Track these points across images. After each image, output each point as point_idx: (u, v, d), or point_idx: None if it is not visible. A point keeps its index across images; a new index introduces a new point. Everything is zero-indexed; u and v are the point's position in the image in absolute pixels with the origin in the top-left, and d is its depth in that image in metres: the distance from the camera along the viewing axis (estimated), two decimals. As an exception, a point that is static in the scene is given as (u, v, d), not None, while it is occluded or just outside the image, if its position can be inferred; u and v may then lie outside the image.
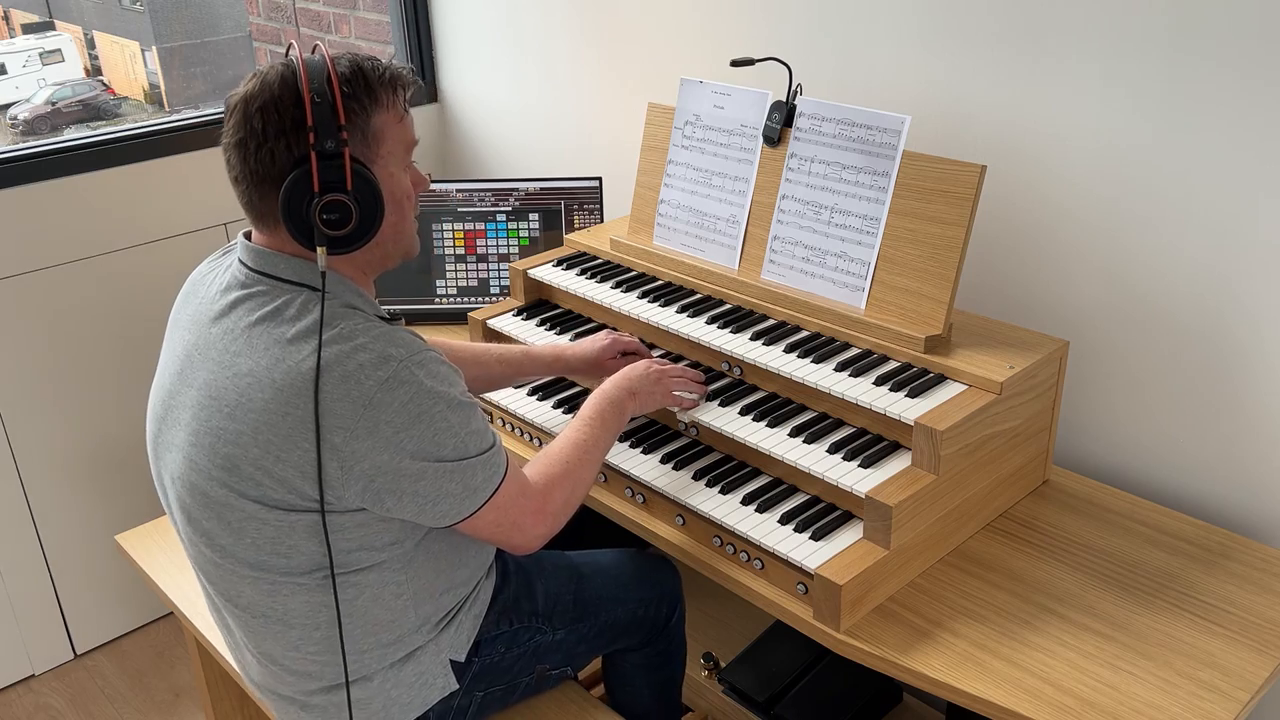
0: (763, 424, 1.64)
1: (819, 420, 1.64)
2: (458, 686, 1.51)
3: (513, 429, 1.90)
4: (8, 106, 4.85)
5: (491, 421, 1.94)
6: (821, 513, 1.55)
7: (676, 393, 1.68)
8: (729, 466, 1.67)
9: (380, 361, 1.27)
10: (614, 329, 1.89)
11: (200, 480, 1.33)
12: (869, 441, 1.57)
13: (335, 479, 1.28)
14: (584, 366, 1.81)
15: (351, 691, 1.44)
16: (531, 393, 1.92)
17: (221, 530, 1.34)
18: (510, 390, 1.91)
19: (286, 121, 1.28)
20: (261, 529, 1.32)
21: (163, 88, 5.06)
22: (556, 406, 1.87)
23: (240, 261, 1.38)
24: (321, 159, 1.28)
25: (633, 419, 1.80)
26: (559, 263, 2.07)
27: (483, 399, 1.90)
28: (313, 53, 1.34)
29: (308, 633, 1.40)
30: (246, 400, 1.28)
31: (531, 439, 1.87)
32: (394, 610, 1.41)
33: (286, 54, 1.34)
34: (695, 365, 1.81)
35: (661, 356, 1.85)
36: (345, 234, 1.31)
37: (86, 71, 5.18)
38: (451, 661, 1.50)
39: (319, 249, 1.30)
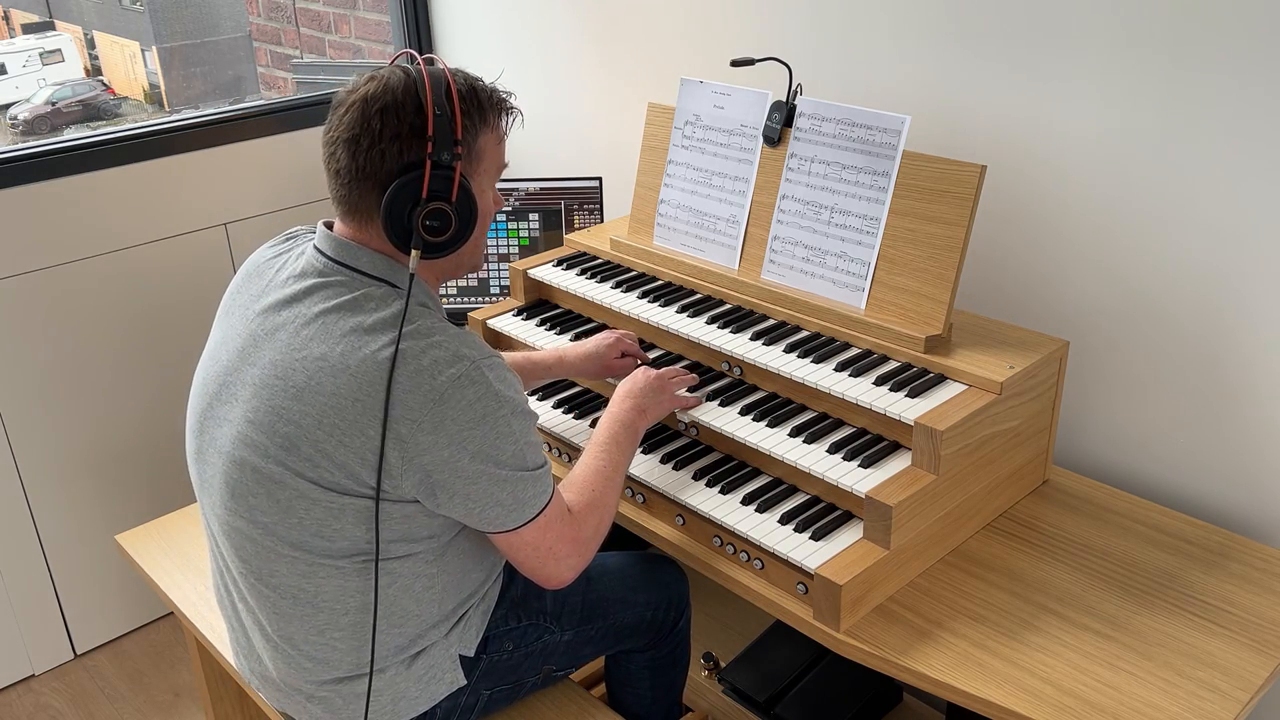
0: (763, 424, 1.64)
1: (819, 420, 1.64)
2: (465, 683, 1.52)
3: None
4: (8, 106, 4.85)
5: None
6: (821, 513, 1.55)
7: (680, 394, 1.69)
8: (729, 466, 1.67)
9: (454, 359, 1.31)
10: (614, 330, 1.89)
11: (254, 456, 1.35)
12: (869, 441, 1.57)
13: (396, 468, 1.31)
14: (587, 364, 1.81)
15: (363, 683, 1.45)
16: (532, 394, 1.92)
17: (269, 506, 1.36)
18: None
19: (404, 127, 1.33)
20: (311, 509, 1.34)
21: (163, 88, 5.06)
22: (557, 407, 1.87)
23: (317, 249, 1.41)
24: (433, 169, 1.33)
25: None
26: (559, 263, 2.07)
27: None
28: (425, 65, 1.37)
29: (335, 618, 1.41)
30: (315, 384, 1.31)
31: (531, 439, 1.87)
32: (422, 602, 1.43)
33: (394, 60, 1.39)
34: (695, 365, 1.81)
35: (661, 356, 1.85)
36: (440, 241, 1.37)
37: (86, 71, 5.18)
38: (460, 657, 1.51)
39: (413, 251, 1.35)
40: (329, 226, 1.43)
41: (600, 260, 2.05)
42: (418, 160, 1.33)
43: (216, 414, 1.42)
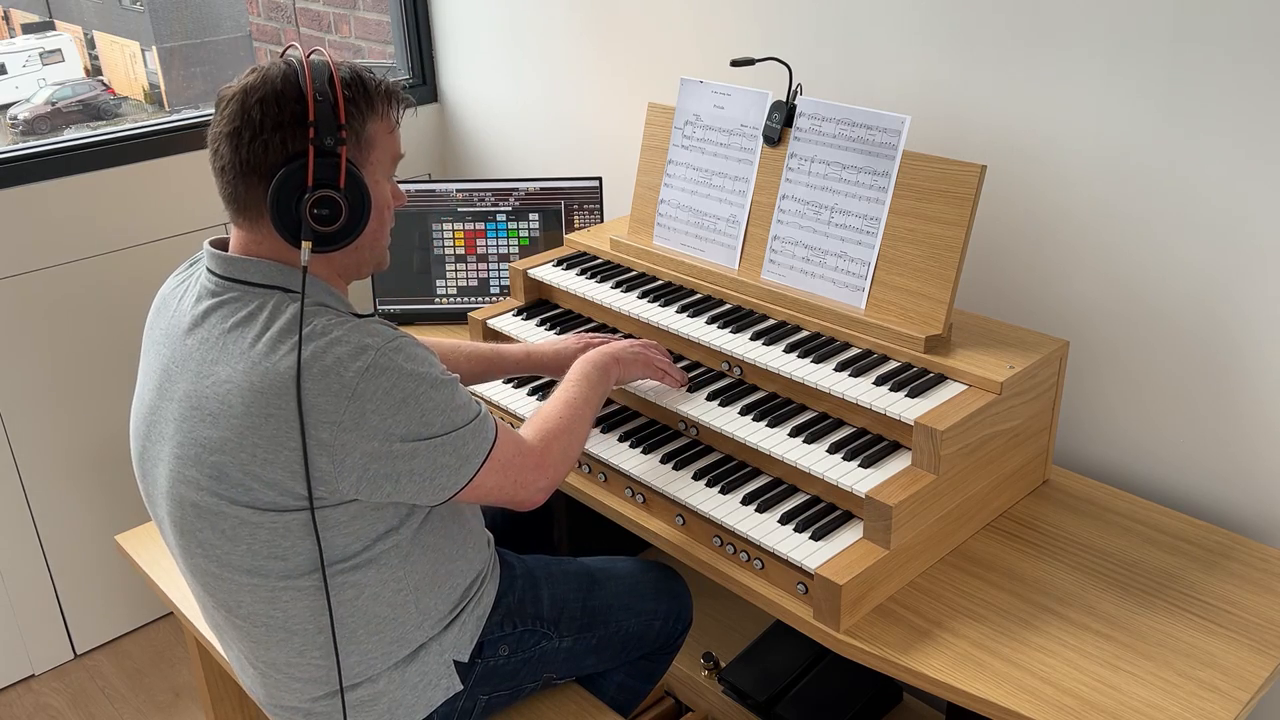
0: (763, 424, 1.64)
1: (819, 420, 1.64)
2: (461, 688, 1.51)
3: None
4: (8, 106, 4.84)
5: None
6: (821, 513, 1.55)
7: (659, 365, 1.70)
8: (729, 466, 1.67)
9: (358, 352, 1.28)
10: (596, 332, 1.89)
11: (189, 491, 1.33)
12: (869, 441, 1.57)
13: (328, 473, 1.28)
14: (553, 364, 1.79)
15: (357, 692, 1.44)
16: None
17: (217, 539, 1.34)
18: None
19: (285, 115, 1.29)
20: (256, 533, 1.32)
21: (163, 88, 5.06)
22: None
23: (209, 270, 1.38)
24: (317, 155, 1.29)
25: (634, 418, 1.80)
26: (559, 263, 2.07)
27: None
28: (309, 55, 1.34)
29: (311, 638, 1.40)
30: (227, 407, 1.29)
31: (531, 439, 1.87)
32: (395, 606, 1.42)
33: (284, 54, 1.35)
34: (695, 365, 1.81)
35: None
36: (331, 231, 1.32)
37: (86, 71, 5.17)
38: (455, 662, 1.50)
39: (304, 244, 1.31)
40: (217, 245, 1.40)
41: (600, 260, 2.05)
42: (302, 149, 1.29)
43: (151, 454, 1.40)
